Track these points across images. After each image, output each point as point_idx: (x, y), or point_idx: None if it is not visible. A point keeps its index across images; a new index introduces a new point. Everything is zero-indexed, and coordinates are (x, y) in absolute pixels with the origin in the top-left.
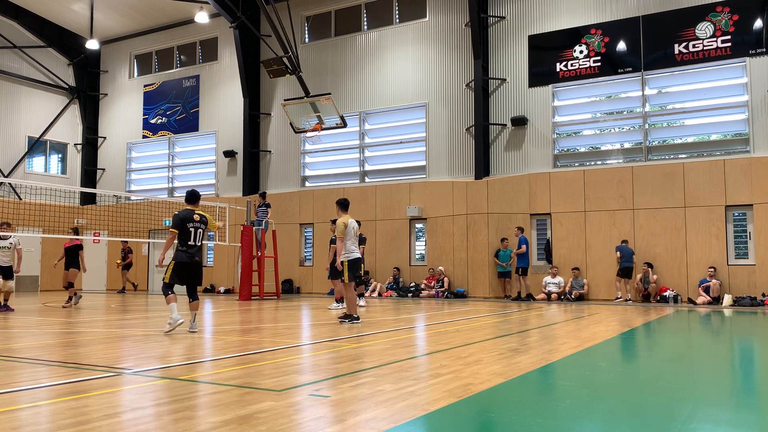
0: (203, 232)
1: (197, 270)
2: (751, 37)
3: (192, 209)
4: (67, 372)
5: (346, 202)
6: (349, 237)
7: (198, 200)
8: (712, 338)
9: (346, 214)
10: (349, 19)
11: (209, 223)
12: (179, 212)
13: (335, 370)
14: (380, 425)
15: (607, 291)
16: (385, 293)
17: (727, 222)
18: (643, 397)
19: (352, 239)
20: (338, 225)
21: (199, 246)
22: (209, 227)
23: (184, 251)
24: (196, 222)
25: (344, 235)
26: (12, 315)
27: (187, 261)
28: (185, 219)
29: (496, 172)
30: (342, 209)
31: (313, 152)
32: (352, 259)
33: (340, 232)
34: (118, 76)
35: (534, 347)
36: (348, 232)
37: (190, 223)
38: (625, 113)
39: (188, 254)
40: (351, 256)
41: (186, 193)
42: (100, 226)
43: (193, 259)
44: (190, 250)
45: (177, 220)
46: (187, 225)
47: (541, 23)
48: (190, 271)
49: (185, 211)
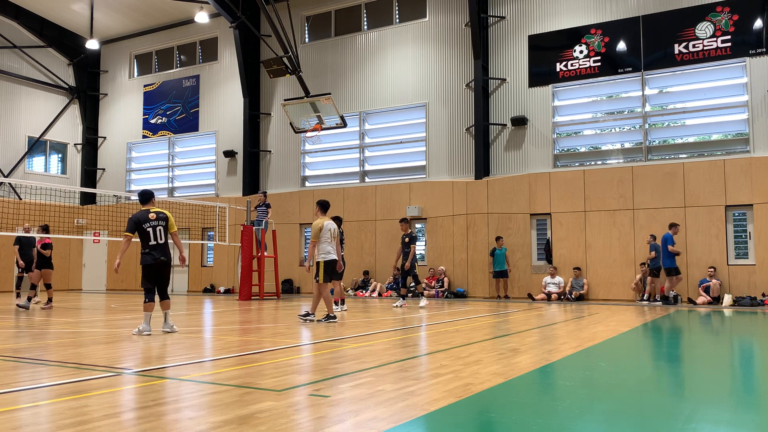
0: (164, 229)
1: (164, 269)
2: (751, 37)
3: (147, 209)
4: (67, 372)
5: (326, 203)
6: (325, 238)
7: (151, 199)
8: (712, 338)
9: (324, 216)
10: (349, 19)
11: (170, 220)
12: (133, 215)
13: (335, 370)
14: (380, 425)
15: (607, 291)
16: (385, 293)
17: (727, 222)
18: (643, 397)
19: (329, 240)
20: (313, 227)
21: (163, 243)
22: (170, 225)
23: (147, 253)
24: (153, 221)
25: (318, 238)
26: (12, 315)
27: (151, 263)
28: (139, 221)
29: (496, 172)
30: (321, 210)
31: (313, 152)
32: (328, 260)
33: (315, 235)
34: (118, 76)
35: (534, 347)
36: (323, 234)
37: (145, 223)
38: (625, 113)
39: (152, 255)
40: (327, 257)
41: (138, 194)
42: (100, 226)
43: (158, 260)
44: (153, 251)
45: (131, 224)
46: (143, 226)
47: (541, 23)
48: (157, 272)
49: (139, 213)
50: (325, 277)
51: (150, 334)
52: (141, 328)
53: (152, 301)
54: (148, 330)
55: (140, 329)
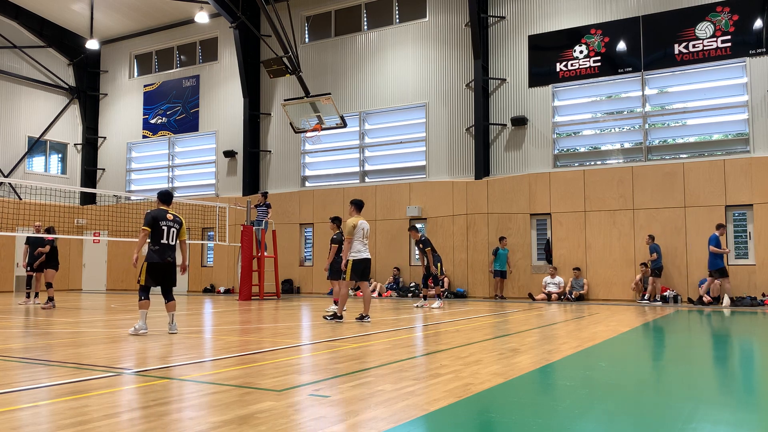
0: (177, 232)
1: (170, 270)
2: (751, 37)
3: (165, 209)
4: (67, 372)
5: (361, 202)
6: (358, 237)
7: (171, 201)
8: (712, 338)
9: (358, 215)
10: (349, 19)
11: (183, 227)
12: (151, 210)
13: (335, 370)
14: (380, 425)
15: (607, 291)
16: (386, 293)
17: (727, 222)
18: (643, 397)
19: (360, 239)
20: (347, 225)
21: (172, 245)
22: (182, 232)
23: (156, 251)
24: (170, 221)
25: (352, 236)
26: (11, 315)
27: (158, 261)
28: (157, 217)
29: (496, 172)
30: (356, 209)
31: (313, 152)
32: (358, 259)
33: (348, 233)
34: (118, 76)
35: (534, 347)
36: (356, 233)
37: (162, 221)
38: (625, 113)
39: (160, 254)
40: (358, 256)
41: (159, 193)
42: (100, 226)
43: (165, 260)
44: (162, 249)
45: (149, 218)
46: (159, 223)
47: (541, 23)
48: (163, 272)
49: (158, 210)
50: (352, 275)
51: (146, 332)
52: (137, 326)
53: (148, 299)
54: (144, 328)
55: (136, 328)
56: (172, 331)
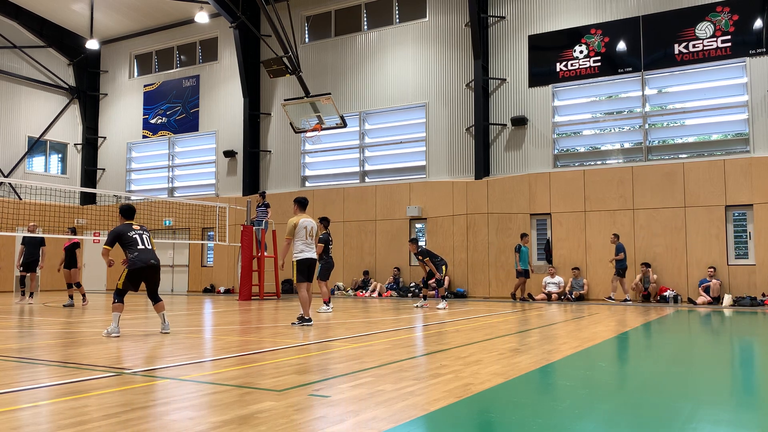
0: (149, 238)
1: (154, 272)
2: (751, 37)
3: (130, 222)
4: (67, 372)
5: (305, 200)
6: (300, 237)
7: (134, 215)
8: (712, 338)
9: (301, 213)
10: (349, 19)
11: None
12: (115, 228)
13: (335, 370)
14: (380, 425)
15: (607, 291)
16: (385, 293)
17: (727, 222)
18: (643, 397)
19: (303, 239)
20: (288, 224)
21: (151, 249)
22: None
23: (136, 256)
24: (137, 231)
25: (292, 236)
26: (11, 315)
27: (142, 266)
28: (123, 232)
29: (496, 172)
30: (300, 208)
31: (313, 152)
32: (301, 259)
33: (289, 232)
34: (118, 76)
35: (534, 347)
36: (298, 232)
37: (130, 232)
38: (625, 113)
39: (142, 259)
40: (299, 256)
41: (121, 208)
42: (100, 226)
43: (148, 262)
44: (142, 254)
45: (112, 236)
46: (128, 234)
47: (541, 23)
48: (147, 275)
49: (122, 226)
50: (299, 276)
51: (119, 336)
52: (110, 329)
53: (122, 303)
54: (116, 331)
55: (109, 330)
56: (165, 330)
